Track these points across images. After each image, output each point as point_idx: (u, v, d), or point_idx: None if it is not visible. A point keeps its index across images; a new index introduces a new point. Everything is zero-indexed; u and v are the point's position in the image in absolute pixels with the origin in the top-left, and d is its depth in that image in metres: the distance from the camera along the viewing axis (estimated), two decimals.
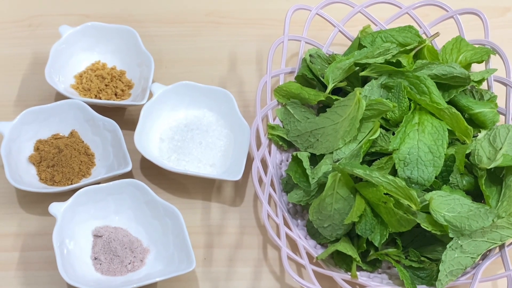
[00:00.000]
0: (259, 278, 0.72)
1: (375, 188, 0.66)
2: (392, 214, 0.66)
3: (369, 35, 0.78)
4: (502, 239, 0.67)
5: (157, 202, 0.72)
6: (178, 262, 0.70)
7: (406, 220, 0.65)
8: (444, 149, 0.69)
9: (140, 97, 0.79)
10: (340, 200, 0.68)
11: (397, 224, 0.66)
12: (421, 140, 0.69)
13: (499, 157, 0.68)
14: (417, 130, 0.70)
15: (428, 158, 0.69)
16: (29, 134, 0.77)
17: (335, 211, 0.68)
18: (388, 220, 0.67)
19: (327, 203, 0.68)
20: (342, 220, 0.67)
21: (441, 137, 0.70)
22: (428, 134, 0.70)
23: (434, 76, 0.73)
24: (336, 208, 0.68)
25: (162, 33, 0.88)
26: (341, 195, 0.67)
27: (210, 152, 0.78)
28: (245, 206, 0.76)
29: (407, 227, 0.66)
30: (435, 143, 0.69)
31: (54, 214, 0.70)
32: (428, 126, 0.70)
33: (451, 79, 0.73)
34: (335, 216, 0.68)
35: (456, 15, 0.80)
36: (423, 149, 0.69)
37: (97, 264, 0.71)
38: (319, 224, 0.69)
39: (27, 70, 0.85)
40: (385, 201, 0.66)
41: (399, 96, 0.71)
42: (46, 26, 0.88)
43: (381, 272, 0.71)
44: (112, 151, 0.77)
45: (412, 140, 0.69)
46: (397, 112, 0.71)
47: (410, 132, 0.70)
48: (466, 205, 0.67)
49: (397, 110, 0.71)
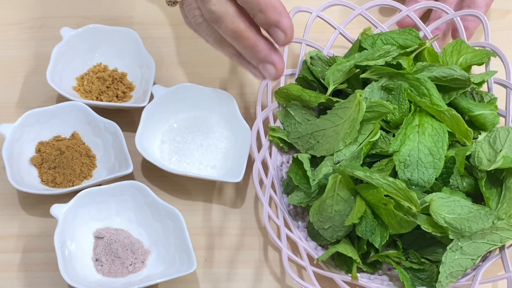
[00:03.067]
0: (260, 280, 0.72)
1: (376, 190, 0.66)
2: (392, 215, 0.66)
3: (370, 38, 0.78)
4: (502, 240, 0.67)
5: (158, 204, 0.72)
6: (179, 263, 0.70)
7: (407, 221, 0.65)
8: (444, 151, 0.69)
9: (141, 99, 0.80)
10: (340, 201, 0.68)
11: (397, 226, 0.66)
12: (421, 142, 0.69)
13: (499, 159, 0.68)
14: (417, 132, 0.70)
15: (428, 160, 0.69)
16: (31, 136, 0.78)
17: (336, 212, 0.68)
18: (388, 222, 0.67)
19: (327, 204, 0.68)
20: (343, 221, 0.68)
21: (441, 139, 0.70)
22: (429, 136, 0.70)
23: (434, 78, 0.73)
24: (336, 210, 0.68)
25: (163, 35, 0.88)
26: (342, 197, 0.68)
27: (211, 154, 0.78)
28: (246, 208, 0.77)
29: (408, 228, 0.66)
30: (435, 145, 0.69)
31: (55, 216, 0.71)
32: (429, 128, 0.70)
33: (451, 81, 0.73)
34: (336, 218, 0.68)
35: (456, 17, 0.80)
36: (423, 151, 0.69)
37: (98, 265, 0.71)
38: (320, 226, 0.69)
39: (29, 72, 0.85)
40: (385, 203, 0.66)
41: (400, 98, 0.71)
42: (48, 28, 0.88)
43: (382, 273, 0.71)
44: (113, 153, 0.77)
45: (412, 142, 0.69)
46: (397, 114, 0.71)
47: (410, 134, 0.70)
48: (467, 207, 0.67)
49: (397, 112, 0.71)
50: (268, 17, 0.62)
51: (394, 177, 0.68)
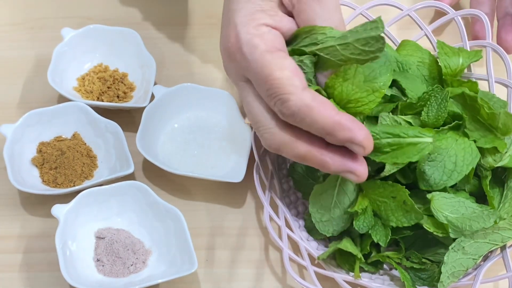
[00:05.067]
0: (261, 279, 0.72)
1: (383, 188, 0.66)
2: (397, 208, 0.65)
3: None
4: (503, 240, 0.67)
5: (159, 204, 0.72)
6: (180, 263, 0.70)
7: (415, 211, 0.65)
8: (466, 171, 0.67)
9: (142, 99, 0.80)
10: (342, 193, 0.67)
11: (402, 218, 0.65)
12: (454, 149, 0.67)
13: (506, 157, 0.68)
14: (456, 141, 0.68)
15: (450, 167, 0.67)
16: (32, 136, 0.78)
17: (336, 203, 0.67)
18: (391, 217, 0.66)
19: (328, 194, 0.68)
20: (341, 215, 0.67)
21: (471, 159, 0.67)
22: (462, 149, 0.67)
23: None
24: (337, 201, 0.67)
25: (164, 35, 0.88)
26: (344, 190, 0.67)
27: (211, 154, 0.78)
28: (246, 208, 0.77)
29: (415, 220, 0.65)
30: (463, 160, 0.67)
31: (56, 216, 0.71)
32: (466, 144, 0.68)
33: None
34: (335, 210, 0.68)
35: (457, 16, 0.80)
36: (451, 158, 0.67)
37: (99, 265, 0.71)
38: (318, 219, 0.69)
39: (30, 73, 0.85)
40: (394, 196, 0.65)
41: (441, 104, 0.68)
42: (49, 28, 0.88)
43: (383, 273, 0.71)
44: (115, 153, 0.77)
45: (449, 141, 0.67)
46: (431, 117, 0.68)
47: (450, 137, 0.68)
48: (471, 208, 0.67)
49: (432, 115, 0.69)
50: (338, 138, 0.58)
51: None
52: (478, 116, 0.67)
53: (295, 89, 0.58)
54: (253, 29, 0.61)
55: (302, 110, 0.58)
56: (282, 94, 0.59)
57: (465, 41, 0.79)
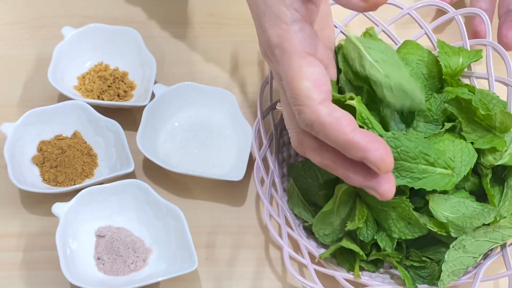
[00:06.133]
0: (261, 278, 0.72)
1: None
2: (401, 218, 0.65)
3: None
4: (503, 238, 0.67)
5: (160, 202, 0.72)
6: (181, 261, 0.70)
7: (419, 226, 0.65)
8: (465, 172, 0.67)
9: (143, 98, 0.80)
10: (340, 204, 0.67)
11: (405, 229, 0.66)
12: (452, 150, 0.67)
13: (506, 156, 0.68)
14: (453, 142, 0.68)
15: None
16: (32, 135, 0.78)
17: (336, 216, 0.67)
18: (393, 228, 0.66)
19: (330, 212, 0.68)
20: (342, 224, 0.67)
21: (469, 159, 0.67)
22: (460, 150, 0.67)
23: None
24: (336, 213, 0.67)
25: (164, 34, 0.88)
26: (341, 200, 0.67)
27: (212, 152, 0.78)
28: (247, 206, 0.77)
29: (419, 233, 0.66)
30: (461, 161, 0.67)
31: (57, 214, 0.71)
32: (463, 145, 0.68)
33: None
34: (336, 222, 0.68)
35: (457, 15, 0.80)
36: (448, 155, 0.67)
37: (100, 264, 0.71)
38: (321, 233, 0.69)
39: (30, 71, 0.85)
40: (394, 206, 0.65)
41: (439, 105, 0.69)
42: (49, 27, 0.88)
43: (383, 272, 0.71)
44: (115, 151, 0.77)
45: (446, 143, 0.67)
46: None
47: (446, 139, 0.68)
48: (472, 207, 0.67)
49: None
50: (352, 155, 0.57)
51: None
52: (475, 118, 0.68)
53: (311, 102, 0.58)
54: (283, 31, 0.60)
55: (315, 125, 0.58)
56: (298, 106, 0.58)
57: (465, 40, 0.79)
